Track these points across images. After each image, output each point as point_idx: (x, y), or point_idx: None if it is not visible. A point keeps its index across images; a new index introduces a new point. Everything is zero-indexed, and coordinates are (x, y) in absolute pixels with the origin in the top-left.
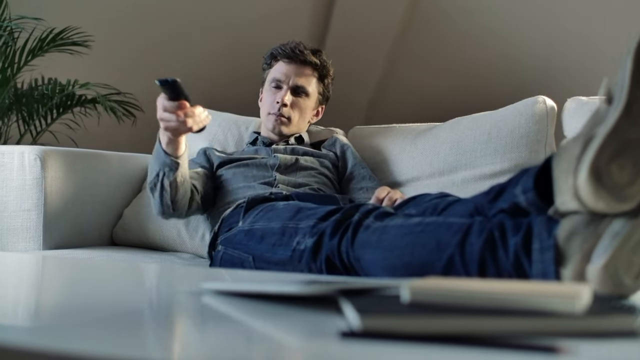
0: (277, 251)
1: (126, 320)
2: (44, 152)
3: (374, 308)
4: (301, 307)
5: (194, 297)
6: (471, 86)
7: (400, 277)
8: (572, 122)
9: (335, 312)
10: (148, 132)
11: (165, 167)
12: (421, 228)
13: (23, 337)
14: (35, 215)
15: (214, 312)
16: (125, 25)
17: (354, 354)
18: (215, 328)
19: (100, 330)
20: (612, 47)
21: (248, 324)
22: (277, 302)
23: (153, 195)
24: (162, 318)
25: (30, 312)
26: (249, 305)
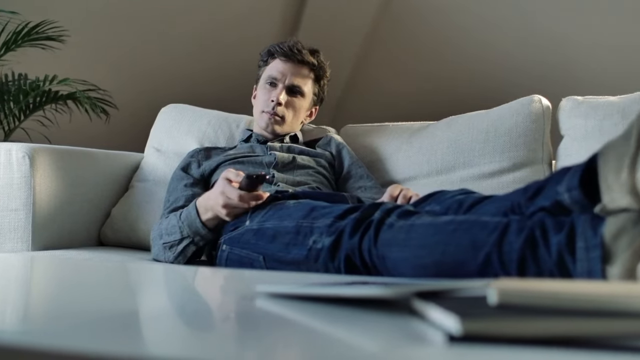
0: (291, 250)
1: (190, 326)
2: (33, 150)
3: (466, 311)
4: (363, 309)
5: (248, 301)
6: (443, 87)
7: (430, 276)
8: (569, 121)
9: (399, 314)
10: (120, 129)
11: (197, 236)
12: (453, 226)
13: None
14: (23, 215)
15: (283, 318)
16: (98, 21)
17: (466, 358)
18: (295, 335)
19: (173, 335)
20: (588, 49)
21: (325, 330)
22: (335, 305)
23: (165, 252)
24: (231, 324)
25: (74, 317)
26: (311, 309)
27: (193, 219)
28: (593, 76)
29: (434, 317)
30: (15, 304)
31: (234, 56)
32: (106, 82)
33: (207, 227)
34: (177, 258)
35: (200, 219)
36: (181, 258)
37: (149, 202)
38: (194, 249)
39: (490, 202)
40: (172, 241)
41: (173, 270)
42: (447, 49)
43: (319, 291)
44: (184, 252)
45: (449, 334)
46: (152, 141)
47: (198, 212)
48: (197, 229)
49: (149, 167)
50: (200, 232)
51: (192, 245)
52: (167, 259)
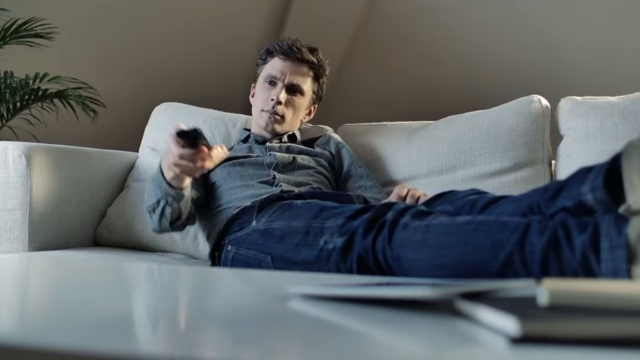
0: (300, 251)
1: (231, 328)
2: (29, 149)
3: (517, 312)
4: (399, 310)
5: (282, 302)
6: (431, 86)
7: (449, 277)
8: (569, 121)
9: (439, 314)
10: (108, 128)
11: (168, 197)
12: (472, 227)
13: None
14: (20, 215)
15: (323, 320)
16: (86, 19)
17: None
18: (341, 337)
19: (219, 338)
20: (578, 49)
21: (370, 332)
22: (369, 306)
23: (151, 217)
24: (270, 325)
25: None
26: (347, 310)
27: (160, 180)
28: (583, 77)
29: (488, 319)
30: (32, 306)
31: (219, 55)
32: (92, 80)
33: (173, 187)
34: (161, 221)
35: (165, 180)
36: (164, 220)
37: (144, 202)
38: (170, 210)
39: (507, 202)
40: (152, 204)
41: (201, 272)
42: (434, 48)
43: (359, 292)
44: (164, 214)
45: (508, 336)
46: (147, 140)
47: (162, 172)
48: (166, 190)
49: (145, 167)
50: (169, 192)
51: (167, 207)
52: (154, 226)
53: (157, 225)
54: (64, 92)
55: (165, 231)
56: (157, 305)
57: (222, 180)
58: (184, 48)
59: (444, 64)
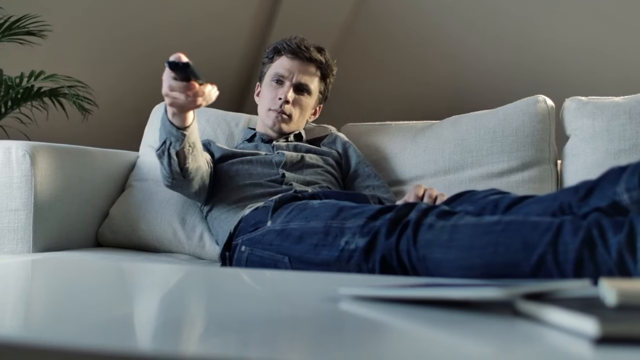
0: (320, 251)
1: (286, 330)
2: (33, 148)
3: (587, 312)
4: (454, 311)
5: (332, 304)
6: (419, 86)
7: (478, 277)
8: (575, 121)
9: (496, 315)
10: (99, 126)
11: (171, 136)
12: (501, 227)
13: None
14: (24, 216)
15: (380, 322)
16: (79, 17)
17: None
18: (405, 340)
19: (278, 340)
20: (564, 50)
21: (434, 335)
22: (421, 307)
23: (161, 163)
24: (327, 327)
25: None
26: (400, 312)
27: (164, 119)
28: (579, 78)
29: (561, 320)
30: (55, 309)
31: (210, 53)
32: (84, 79)
33: (175, 126)
34: (170, 165)
35: (167, 117)
36: (173, 163)
37: (149, 202)
38: (174, 151)
39: (533, 202)
40: (159, 147)
41: (238, 274)
42: (423, 48)
43: (420, 294)
44: (170, 156)
45: (587, 337)
46: (149, 139)
47: (166, 111)
48: (169, 128)
49: (147, 166)
50: (172, 131)
51: (172, 148)
52: (165, 172)
53: (168, 170)
54: (58, 91)
55: (177, 180)
56: (209, 308)
57: (231, 178)
58: (177, 46)
59: (432, 65)
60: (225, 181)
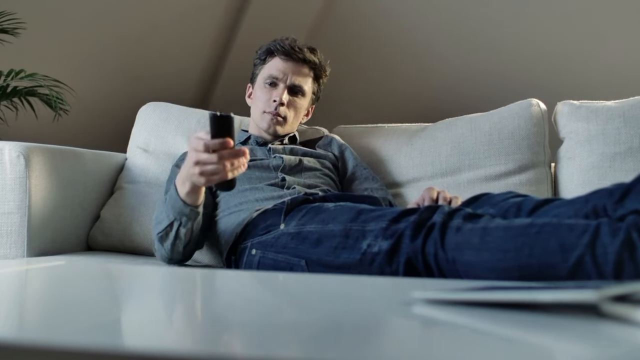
0: (340, 254)
1: (371, 334)
2: (28, 149)
3: None
4: (535, 313)
5: (406, 308)
6: (387, 90)
7: (513, 279)
8: (569, 125)
9: (582, 317)
10: (70, 126)
11: (182, 216)
12: (535, 229)
13: None
14: (18, 219)
15: (464, 327)
16: (56, 16)
17: None
18: (497, 346)
19: (364, 345)
20: (542, 55)
21: (525, 338)
22: (499, 310)
23: (162, 244)
24: (409, 332)
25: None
26: (482, 315)
27: (175, 197)
28: (544, 83)
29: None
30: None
31: (177, 51)
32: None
33: (188, 205)
34: (174, 245)
35: (179, 196)
36: (178, 243)
37: (142, 204)
38: (184, 230)
39: (562, 205)
40: (164, 229)
41: (296, 279)
42: (393, 51)
43: (508, 297)
44: (178, 236)
45: None
46: (137, 141)
47: (177, 188)
48: (181, 208)
49: (138, 168)
50: (184, 211)
51: (182, 228)
52: (165, 253)
53: (170, 252)
54: (35, 90)
55: (176, 258)
56: (288, 314)
57: None
58: (146, 46)
59: (403, 67)
60: None
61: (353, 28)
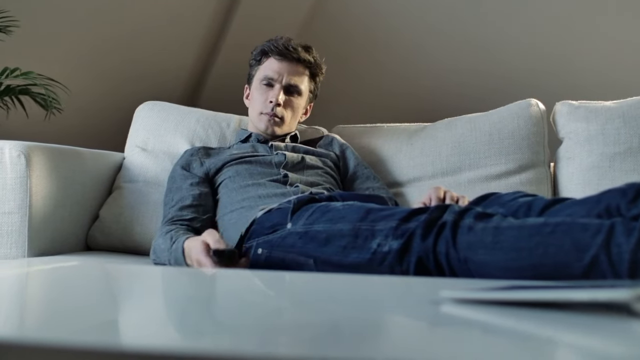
0: (349, 254)
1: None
2: (28, 148)
3: None
4: (565, 312)
5: (435, 307)
6: (376, 89)
7: (527, 278)
8: (569, 125)
9: (613, 316)
10: (62, 125)
11: (179, 265)
12: (549, 229)
13: None
14: (18, 219)
15: (497, 326)
16: (45, 14)
17: None
18: (536, 346)
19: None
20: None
21: (560, 338)
22: (528, 309)
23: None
24: (444, 332)
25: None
26: (513, 314)
27: (180, 260)
28: (537, 83)
29: None
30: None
31: (166, 49)
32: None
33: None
34: None
35: (185, 262)
36: None
37: (142, 204)
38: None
39: (574, 204)
40: (161, 263)
41: (321, 279)
42: (385, 51)
43: (541, 296)
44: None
45: None
46: (135, 140)
47: (184, 255)
48: (181, 264)
49: (137, 168)
50: (183, 265)
51: (175, 265)
52: None
53: None
54: (28, 89)
55: None
56: (319, 314)
57: (231, 178)
58: (136, 45)
59: (392, 66)
60: (226, 182)
61: (344, 27)
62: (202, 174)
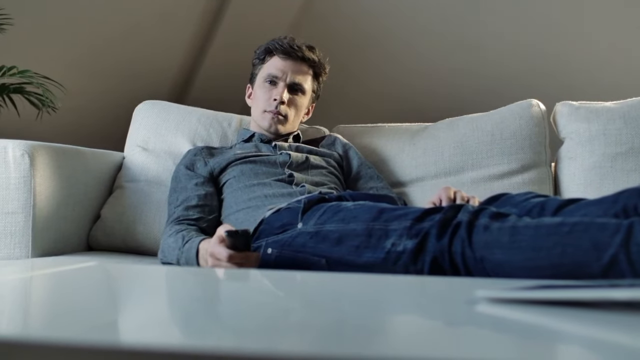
0: (363, 253)
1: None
2: (32, 148)
3: None
4: (602, 311)
5: (471, 307)
6: (365, 89)
7: (545, 278)
8: (570, 125)
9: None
10: (53, 125)
11: (190, 265)
12: (568, 228)
13: None
14: (22, 219)
15: (539, 326)
16: (39, 13)
17: None
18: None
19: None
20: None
21: (609, 337)
22: (565, 308)
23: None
24: (486, 331)
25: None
26: (552, 313)
27: (192, 260)
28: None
29: None
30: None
31: (155, 48)
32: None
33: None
34: None
35: (197, 263)
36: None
37: (145, 203)
38: None
39: (589, 204)
40: (169, 263)
41: (355, 280)
42: (374, 50)
43: (584, 295)
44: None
45: None
46: (136, 139)
47: (198, 257)
48: (192, 264)
49: (138, 167)
50: (194, 265)
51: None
52: None
53: None
54: (23, 87)
55: None
56: (368, 316)
57: (236, 178)
58: (125, 45)
59: (383, 66)
60: (230, 182)
61: (334, 27)
62: (207, 174)
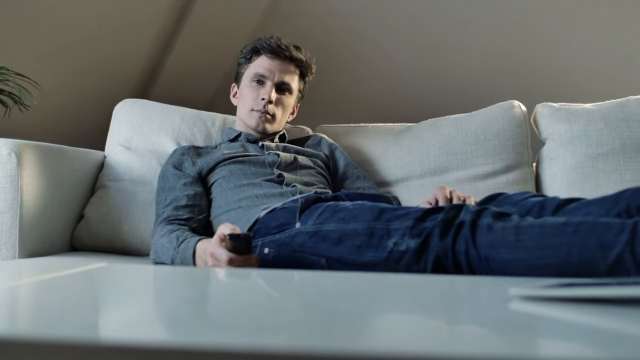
0: (364, 253)
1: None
2: (19, 146)
3: None
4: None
5: (506, 305)
6: (332, 89)
7: (552, 276)
8: (551, 126)
9: None
10: (21, 122)
11: (185, 264)
12: (572, 228)
13: None
14: (9, 219)
15: (577, 323)
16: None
17: None
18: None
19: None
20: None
21: None
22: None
23: None
24: (526, 330)
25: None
26: (588, 311)
27: (188, 260)
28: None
29: None
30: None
31: (119, 46)
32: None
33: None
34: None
35: (194, 263)
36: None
37: (131, 203)
38: None
39: (591, 204)
40: (162, 263)
41: (373, 278)
42: (343, 51)
43: (621, 293)
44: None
45: None
46: (118, 138)
47: (195, 256)
48: (189, 264)
49: (121, 166)
50: (190, 265)
51: (179, 265)
52: None
53: None
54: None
55: None
56: (405, 313)
57: (225, 178)
58: (88, 43)
59: (353, 66)
60: (219, 182)
61: (300, 27)
62: (195, 174)
